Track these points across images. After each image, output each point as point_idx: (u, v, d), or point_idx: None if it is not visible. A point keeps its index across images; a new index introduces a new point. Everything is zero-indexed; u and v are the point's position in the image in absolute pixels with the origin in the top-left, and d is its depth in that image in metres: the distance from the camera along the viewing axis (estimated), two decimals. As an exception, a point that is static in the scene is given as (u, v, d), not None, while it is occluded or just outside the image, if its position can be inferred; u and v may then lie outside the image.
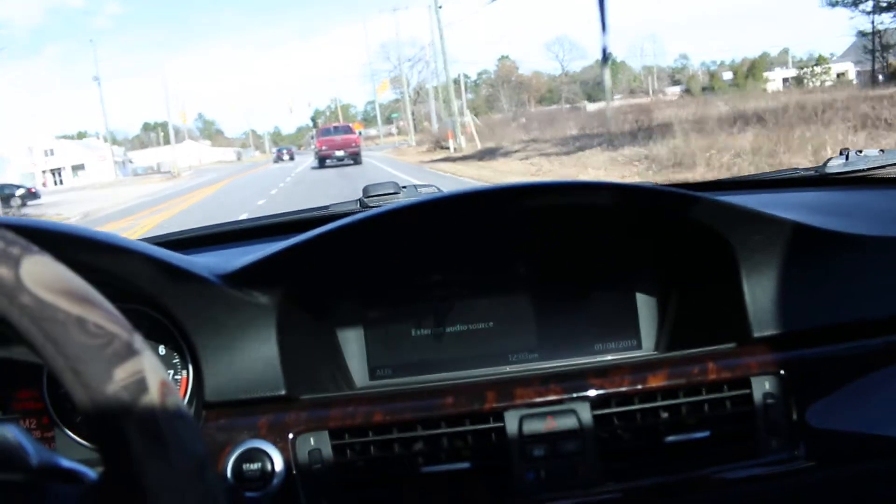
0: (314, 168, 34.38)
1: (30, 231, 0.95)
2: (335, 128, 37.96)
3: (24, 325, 0.51)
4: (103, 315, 0.52)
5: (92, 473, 0.59)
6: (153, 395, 0.52)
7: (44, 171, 69.65)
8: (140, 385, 0.51)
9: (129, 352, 0.52)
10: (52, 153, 70.50)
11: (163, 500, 0.50)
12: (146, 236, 1.44)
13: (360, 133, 37.38)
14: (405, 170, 24.52)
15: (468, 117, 35.36)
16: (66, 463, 0.59)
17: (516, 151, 24.10)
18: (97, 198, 32.83)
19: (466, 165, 22.54)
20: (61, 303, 0.51)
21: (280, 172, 35.39)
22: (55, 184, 68.22)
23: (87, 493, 0.57)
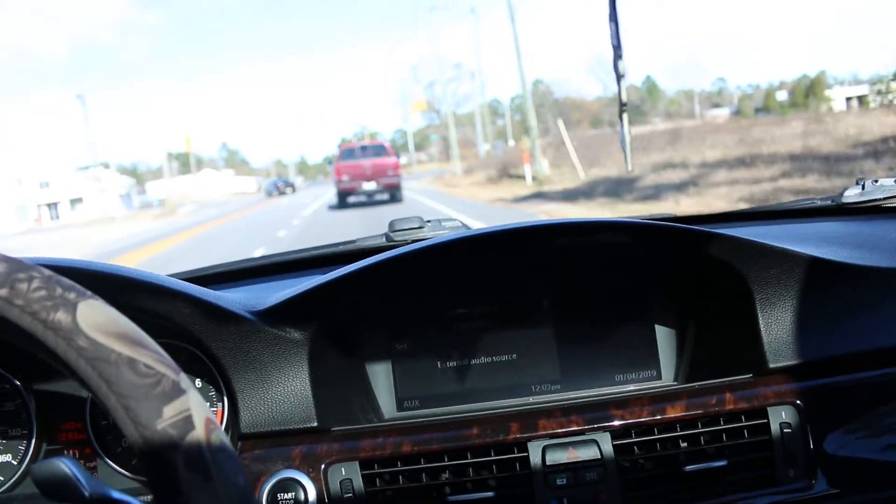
0: (333, 208, 25.11)
1: (77, 273, 1.00)
2: (363, 148, 26.14)
3: (80, 366, 0.55)
4: (153, 356, 0.57)
5: None
6: (199, 432, 0.56)
7: (38, 206, 63.85)
8: (187, 422, 0.56)
9: (177, 391, 0.56)
10: (47, 185, 64.59)
11: None
12: (177, 272, 1.49)
13: (398, 156, 26.73)
14: (484, 214, 15.69)
15: (534, 140, 26.40)
16: (117, 494, 0.63)
17: (686, 186, 14.75)
18: (60, 242, 28.15)
19: (612, 211, 13.88)
20: (114, 345, 0.56)
21: (289, 209, 28.53)
22: (51, 218, 62.70)
23: None
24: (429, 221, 1.55)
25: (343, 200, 24.49)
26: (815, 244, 1.22)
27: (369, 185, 23.30)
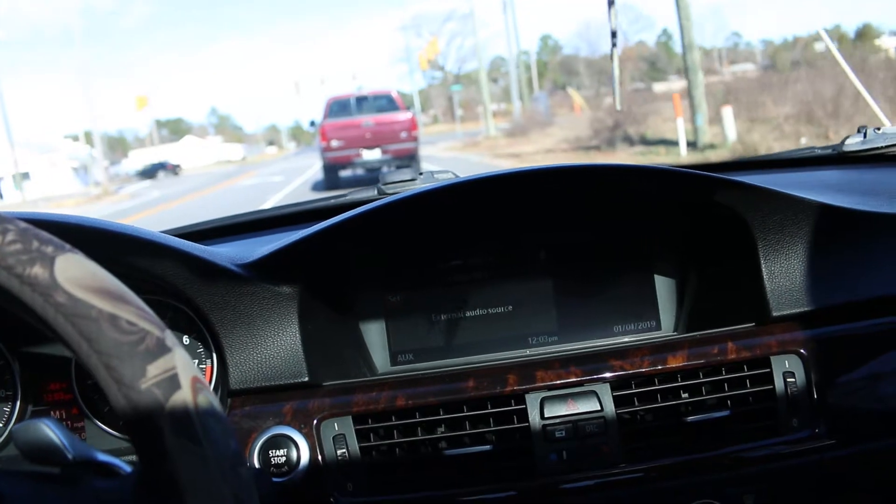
0: (317, 189, 17.70)
1: (56, 226, 0.97)
2: (360, 101, 17.79)
3: (58, 323, 0.52)
4: (135, 312, 0.53)
5: (127, 468, 0.61)
6: (185, 392, 0.53)
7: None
8: (172, 382, 0.52)
9: (162, 349, 0.53)
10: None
11: (197, 496, 0.51)
12: (166, 228, 1.46)
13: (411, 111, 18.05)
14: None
15: (695, 79, 15.49)
16: (102, 457, 0.60)
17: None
18: None
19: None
20: (94, 300, 0.52)
21: (257, 191, 20.18)
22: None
23: (122, 487, 0.58)
24: (421, 174, 1.51)
25: (332, 178, 16.58)
26: (817, 192, 1.19)
27: (371, 155, 15.89)
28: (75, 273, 0.53)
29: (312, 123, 18.87)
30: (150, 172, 51.82)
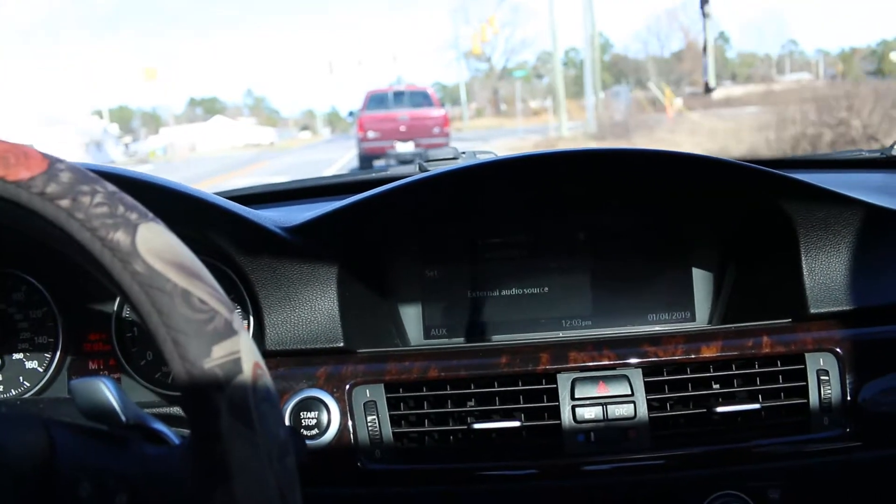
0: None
1: (111, 177, 0.99)
2: (397, 95, 19.00)
3: (133, 291, 0.53)
4: (208, 291, 0.54)
5: (176, 439, 0.62)
6: (246, 376, 0.53)
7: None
8: (235, 365, 0.53)
9: (229, 331, 0.54)
10: (-4, 135, 53.95)
11: (244, 479, 0.52)
12: (216, 190, 1.47)
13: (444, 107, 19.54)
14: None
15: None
16: (155, 424, 0.62)
17: None
18: None
19: None
20: (171, 274, 0.53)
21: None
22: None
23: (170, 457, 0.59)
24: (463, 153, 1.52)
25: (366, 167, 16.21)
26: (862, 193, 1.18)
27: (405, 147, 16.54)
28: (155, 243, 0.53)
29: (351, 113, 20.05)
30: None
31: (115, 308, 1.17)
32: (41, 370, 1.18)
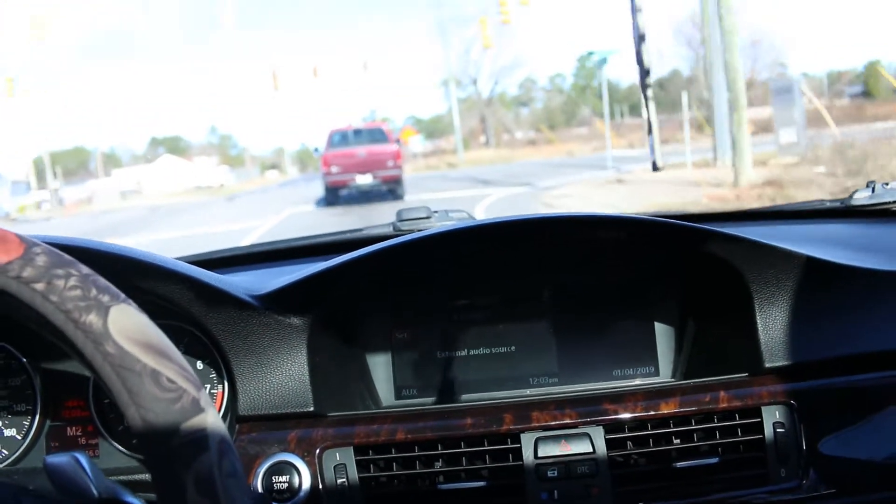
0: (321, 206, 19.33)
1: (80, 251, 1.02)
2: (357, 132, 21.22)
3: (105, 371, 0.56)
4: (177, 370, 0.57)
5: None
6: (212, 454, 0.56)
7: None
8: (202, 443, 0.56)
9: (196, 409, 0.57)
10: None
11: None
12: (183, 255, 1.50)
13: (399, 143, 21.21)
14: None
15: None
16: (127, 497, 0.64)
17: None
18: None
19: None
20: (140, 354, 0.56)
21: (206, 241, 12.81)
22: None
23: None
24: (436, 212, 1.56)
25: (333, 195, 19.40)
26: (820, 246, 1.22)
27: (364, 179, 18.75)
28: (126, 325, 0.56)
29: (317, 150, 21.66)
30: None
31: (91, 375, 1.19)
32: (19, 437, 1.20)
